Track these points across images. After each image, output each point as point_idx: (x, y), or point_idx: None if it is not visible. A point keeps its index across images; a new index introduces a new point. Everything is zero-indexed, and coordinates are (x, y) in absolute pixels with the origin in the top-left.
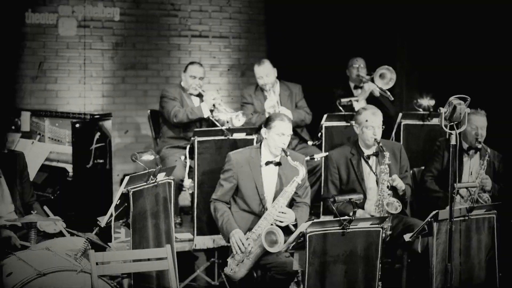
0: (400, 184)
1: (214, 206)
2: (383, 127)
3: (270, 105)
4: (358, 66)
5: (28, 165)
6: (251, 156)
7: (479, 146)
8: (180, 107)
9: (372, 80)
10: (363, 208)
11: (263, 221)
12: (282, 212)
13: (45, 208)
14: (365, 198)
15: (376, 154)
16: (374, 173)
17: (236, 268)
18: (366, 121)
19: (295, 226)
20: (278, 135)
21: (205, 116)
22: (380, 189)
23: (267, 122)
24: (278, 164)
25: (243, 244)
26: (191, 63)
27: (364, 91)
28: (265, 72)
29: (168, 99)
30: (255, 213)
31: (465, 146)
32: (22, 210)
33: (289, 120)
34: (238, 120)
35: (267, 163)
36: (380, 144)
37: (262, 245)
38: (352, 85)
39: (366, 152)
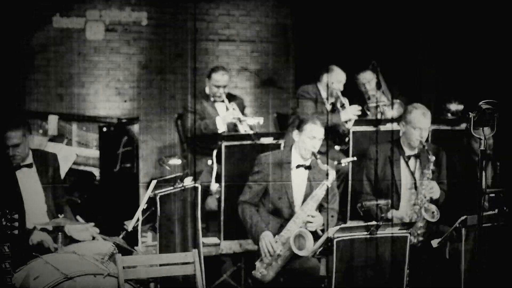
0: (436, 194)
1: (242, 208)
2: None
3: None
4: (362, 84)
5: None
6: (282, 159)
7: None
8: (199, 119)
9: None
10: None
11: (292, 224)
12: (311, 216)
13: (78, 217)
14: (398, 199)
15: (417, 156)
16: (412, 175)
17: (265, 271)
18: (415, 121)
19: (323, 231)
20: (310, 138)
21: (219, 132)
22: (419, 193)
23: (300, 125)
24: (308, 168)
25: (272, 247)
26: (214, 70)
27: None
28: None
29: (188, 112)
30: (284, 216)
31: (407, 151)
32: (54, 211)
33: (322, 124)
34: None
35: (298, 166)
36: (426, 148)
37: (291, 248)
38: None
39: (408, 152)
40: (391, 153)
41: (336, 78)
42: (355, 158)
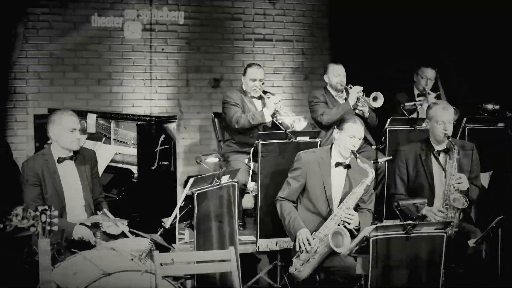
0: (464, 185)
1: (280, 205)
2: (454, 122)
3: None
4: (427, 79)
5: None
6: (321, 157)
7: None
8: (242, 113)
9: (439, 97)
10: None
11: (330, 221)
12: (350, 214)
13: (106, 211)
14: (432, 194)
15: (446, 151)
16: (443, 169)
17: (301, 267)
18: (436, 115)
19: (358, 230)
20: (350, 137)
21: (267, 121)
22: (447, 183)
23: (340, 124)
24: (348, 166)
25: (309, 243)
26: (249, 65)
27: (426, 101)
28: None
29: (229, 105)
30: (321, 214)
31: (436, 147)
32: (92, 206)
33: (361, 123)
34: (300, 123)
35: (337, 165)
36: (450, 139)
37: (328, 245)
38: (416, 91)
39: (437, 148)
40: (421, 151)
41: (333, 73)
42: (391, 157)
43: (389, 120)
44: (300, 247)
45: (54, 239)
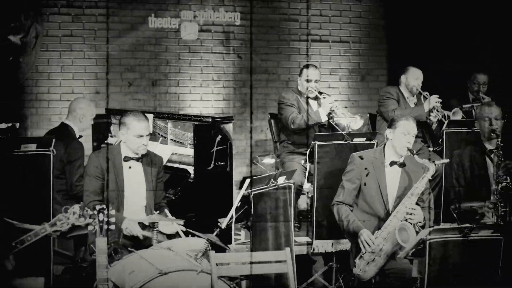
0: None
1: (337, 209)
2: (504, 120)
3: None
4: (479, 84)
5: None
6: (375, 157)
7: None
8: (298, 113)
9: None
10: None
11: (393, 218)
12: (412, 209)
13: (166, 211)
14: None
15: (497, 149)
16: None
17: (366, 267)
18: (483, 112)
19: (423, 227)
20: (404, 134)
21: (323, 121)
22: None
23: (392, 123)
24: (402, 165)
25: (372, 242)
26: (305, 66)
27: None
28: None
29: (285, 105)
30: (378, 215)
31: (488, 146)
32: (152, 208)
33: (414, 120)
34: (356, 123)
35: (392, 164)
36: (499, 138)
37: (393, 242)
38: (471, 96)
39: (489, 147)
40: (475, 152)
41: (413, 76)
42: (448, 160)
43: (446, 122)
44: (364, 247)
45: (111, 238)
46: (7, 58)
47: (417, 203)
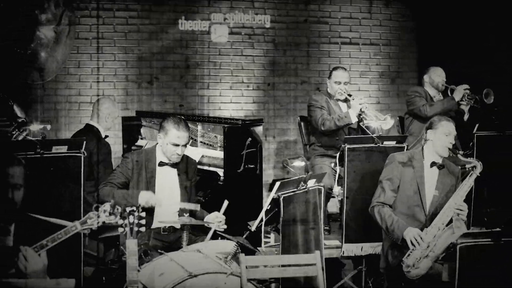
0: None
1: (378, 210)
2: None
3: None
4: None
5: None
6: (414, 158)
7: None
8: (328, 115)
9: None
10: None
11: (442, 215)
12: (461, 205)
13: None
14: None
15: None
16: None
17: (418, 263)
18: None
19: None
20: (446, 135)
21: (353, 122)
22: None
23: (432, 123)
24: (442, 166)
25: (421, 238)
26: (335, 68)
27: None
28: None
29: (315, 108)
30: (415, 216)
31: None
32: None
33: (452, 121)
34: (386, 123)
35: (432, 164)
36: None
37: (445, 237)
38: None
39: None
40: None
41: (435, 73)
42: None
43: (477, 125)
44: (412, 244)
45: (141, 240)
46: (37, 56)
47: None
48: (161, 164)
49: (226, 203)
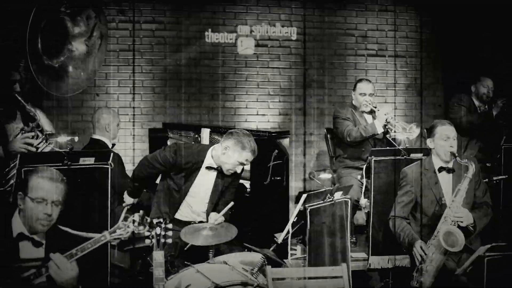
0: None
1: (393, 222)
2: None
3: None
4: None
5: None
6: (425, 168)
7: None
8: (353, 126)
9: None
10: None
11: (442, 225)
12: (458, 211)
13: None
14: None
15: None
16: None
17: (421, 278)
18: None
19: (474, 227)
20: (444, 139)
21: (379, 133)
22: None
23: (430, 131)
24: (451, 170)
25: (423, 251)
26: (359, 80)
27: None
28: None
29: (340, 119)
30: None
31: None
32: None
33: (450, 123)
34: (412, 132)
35: (440, 169)
36: None
37: (441, 249)
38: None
39: None
40: None
41: (482, 84)
42: (506, 176)
43: (504, 137)
44: (418, 258)
45: (168, 251)
46: (67, 69)
47: (474, 201)
48: (208, 168)
49: (231, 204)
